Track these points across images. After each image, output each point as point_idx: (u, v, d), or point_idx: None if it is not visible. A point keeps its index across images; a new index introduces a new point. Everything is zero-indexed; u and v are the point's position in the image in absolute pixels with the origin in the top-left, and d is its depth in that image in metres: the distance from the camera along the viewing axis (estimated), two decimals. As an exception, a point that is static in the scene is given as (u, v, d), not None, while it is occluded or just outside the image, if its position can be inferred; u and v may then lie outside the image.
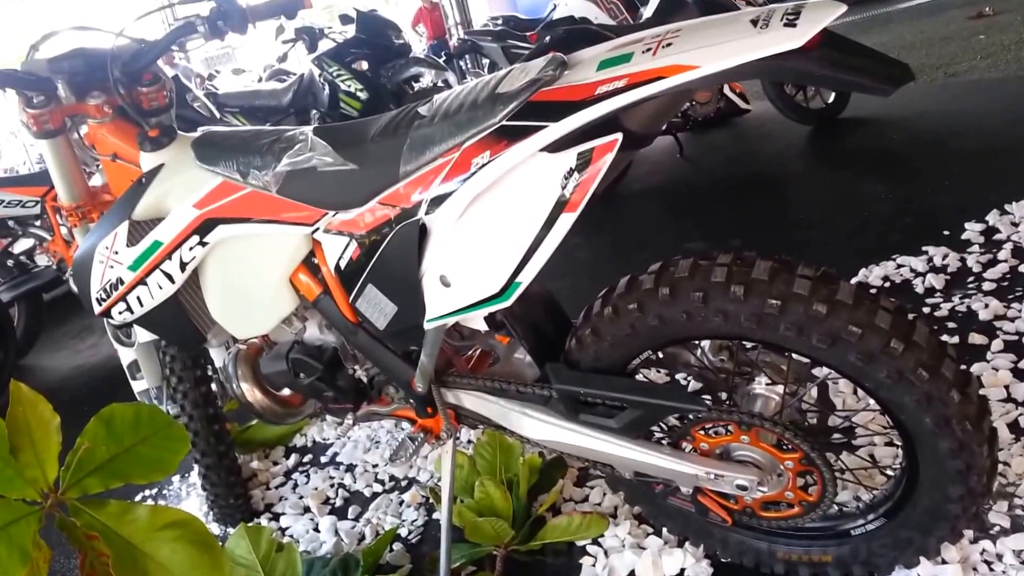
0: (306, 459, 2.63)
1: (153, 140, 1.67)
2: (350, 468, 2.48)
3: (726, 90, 4.68)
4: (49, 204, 3.73)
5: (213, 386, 2.15)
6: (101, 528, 1.10)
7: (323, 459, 2.59)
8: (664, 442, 1.51)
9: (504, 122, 1.20)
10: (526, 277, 1.28)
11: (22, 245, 4.40)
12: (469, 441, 2.38)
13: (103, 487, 1.12)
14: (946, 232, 2.92)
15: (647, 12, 3.97)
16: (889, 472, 1.71)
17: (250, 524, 1.98)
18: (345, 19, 5.54)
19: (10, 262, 4.28)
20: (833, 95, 4.75)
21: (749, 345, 1.49)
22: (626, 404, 1.43)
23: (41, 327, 4.50)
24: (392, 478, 2.35)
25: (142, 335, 2.04)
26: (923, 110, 4.63)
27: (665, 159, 4.98)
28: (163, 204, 1.64)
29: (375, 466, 2.44)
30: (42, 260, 4.39)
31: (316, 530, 2.20)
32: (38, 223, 3.92)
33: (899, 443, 1.40)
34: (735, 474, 1.41)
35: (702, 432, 1.46)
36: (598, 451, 1.50)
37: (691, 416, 1.42)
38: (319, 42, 5.34)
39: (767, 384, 1.47)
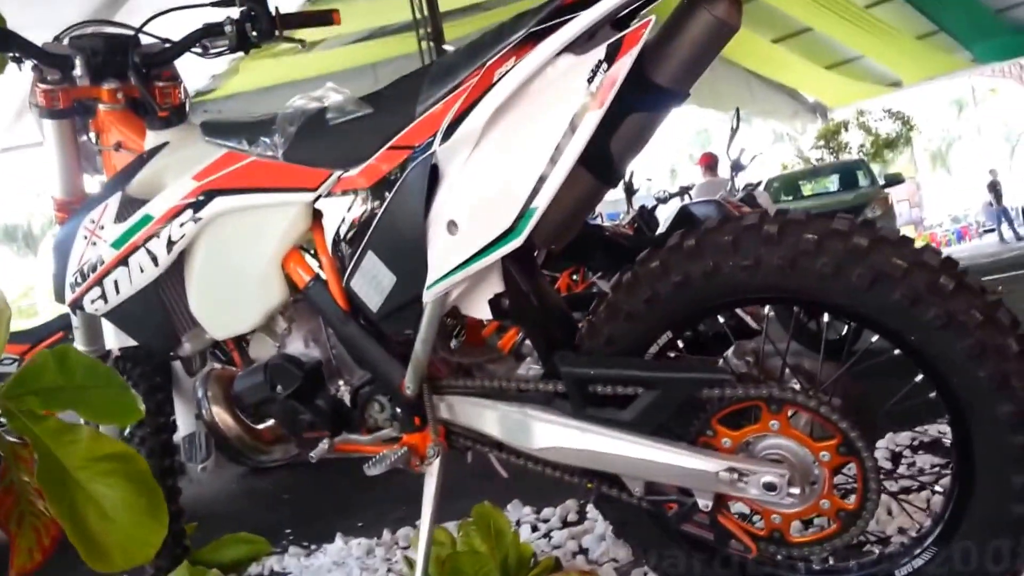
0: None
1: (162, 120, 1.65)
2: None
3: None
4: None
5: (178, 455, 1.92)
6: (33, 438, 0.96)
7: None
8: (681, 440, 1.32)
9: (532, 28, 1.18)
10: (542, 200, 1.20)
11: None
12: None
13: (43, 409, 0.99)
14: None
15: None
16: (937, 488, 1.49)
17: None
18: None
19: None
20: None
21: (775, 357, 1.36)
22: (640, 384, 1.27)
23: None
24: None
25: (111, 341, 1.80)
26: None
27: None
28: (161, 180, 1.59)
29: (337, 597, 2.13)
30: None
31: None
32: None
33: (948, 432, 1.22)
34: (762, 468, 1.22)
35: (723, 425, 1.28)
36: (606, 454, 1.31)
37: (713, 398, 1.25)
38: None
39: (797, 391, 1.31)
